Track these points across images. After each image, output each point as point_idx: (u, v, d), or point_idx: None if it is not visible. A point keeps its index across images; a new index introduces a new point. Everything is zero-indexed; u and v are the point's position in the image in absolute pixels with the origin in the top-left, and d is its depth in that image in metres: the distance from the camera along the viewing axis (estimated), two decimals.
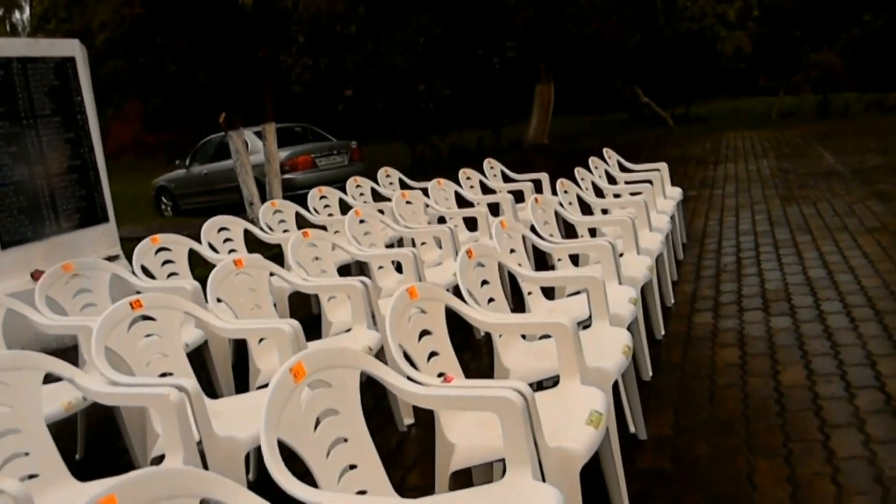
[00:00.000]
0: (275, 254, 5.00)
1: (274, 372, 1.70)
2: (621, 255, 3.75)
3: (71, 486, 2.14)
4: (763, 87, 24.45)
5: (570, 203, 4.54)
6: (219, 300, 3.00)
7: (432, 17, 14.69)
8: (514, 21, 16.77)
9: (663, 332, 4.01)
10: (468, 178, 6.08)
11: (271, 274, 3.39)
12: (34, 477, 2.09)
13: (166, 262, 3.99)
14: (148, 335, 2.59)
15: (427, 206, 5.37)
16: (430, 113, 15.36)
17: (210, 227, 4.39)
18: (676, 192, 5.83)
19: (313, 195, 5.54)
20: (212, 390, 3.58)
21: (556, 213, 4.27)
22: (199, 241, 4.35)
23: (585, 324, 2.96)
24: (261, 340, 3.00)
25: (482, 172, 6.42)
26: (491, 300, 2.81)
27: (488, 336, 2.91)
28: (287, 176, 11.42)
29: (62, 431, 3.40)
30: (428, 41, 14.73)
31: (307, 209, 5.46)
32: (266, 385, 1.70)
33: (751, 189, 8.60)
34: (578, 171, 5.15)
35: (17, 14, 31.49)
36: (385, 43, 14.77)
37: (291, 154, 11.91)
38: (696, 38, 20.75)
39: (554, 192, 4.81)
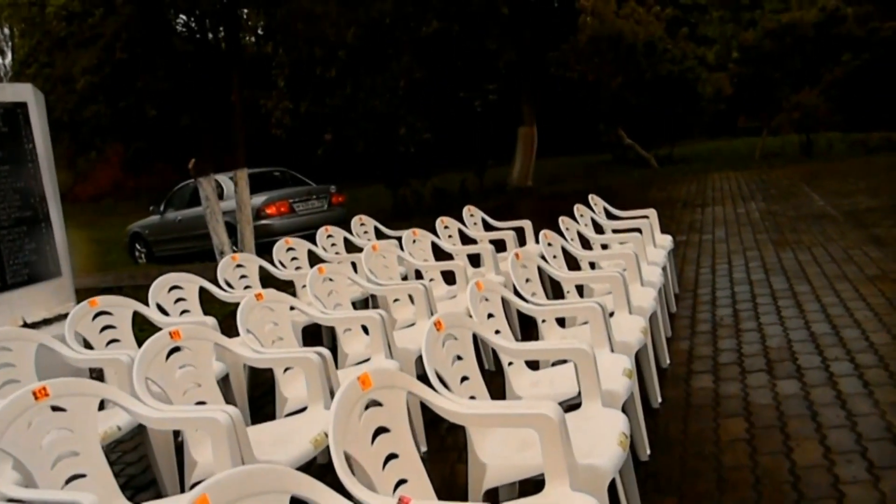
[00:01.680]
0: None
1: (211, 466, 1.34)
2: (612, 314, 3.39)
3: None
4: (743, 127, 24.53)
5: (554, 256, 4.19)
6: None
7: (413, 60, 14.55)
8: (496, 64, 16.69)
9: (660, 400, 3.63)
10: (446, 227, 5.72)
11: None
12: None
13: (107, 327, 3.58)
14: (57, 428, 2.17)
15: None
16: (411, 156, 15.13)
17: (159, 286, 3.99)
18: (667, 241, 5.50)
19: (279, 247, 5.15)
20: (151, 476, 3.16)
21: (540, 268, 3.91)
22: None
23: (574, 402, 2.58)
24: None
25: (462, 218, 6.08)
26: (465, 379, 2.43)
27: None
28: (263, 222, 11.09)
29: None
30: (409, 84, 14.56)
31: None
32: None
33: (741, 233, 8.31)
34: (563, 221, 4.80)
35: None
36: (365, 86, 14.58)
37: (268, 199, 11.61)
38: (677, 80, 20.80)
39: (538, 241, 4.46)
